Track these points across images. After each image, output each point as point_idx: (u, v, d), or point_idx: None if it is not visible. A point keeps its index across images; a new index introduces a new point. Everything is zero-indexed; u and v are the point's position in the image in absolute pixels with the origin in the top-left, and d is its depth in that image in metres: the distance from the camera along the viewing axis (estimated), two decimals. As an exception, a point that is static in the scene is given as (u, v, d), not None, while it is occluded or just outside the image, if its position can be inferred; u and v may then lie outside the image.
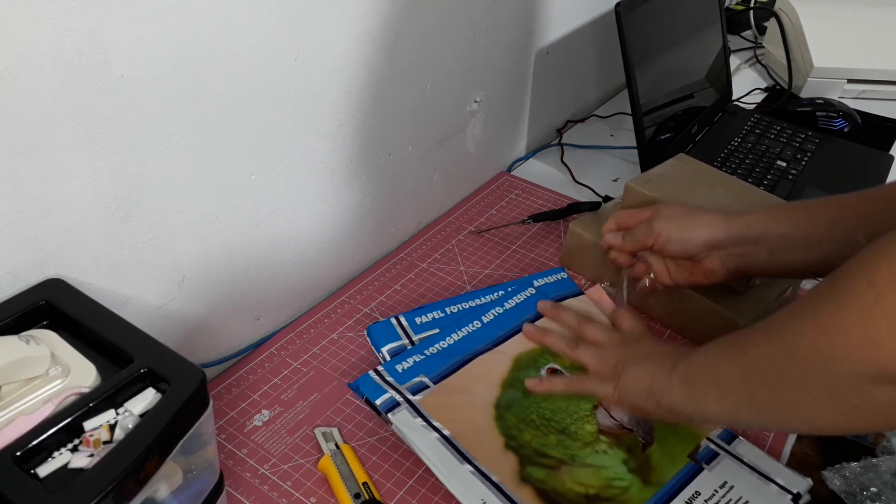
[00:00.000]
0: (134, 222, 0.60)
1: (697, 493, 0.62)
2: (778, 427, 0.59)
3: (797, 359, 0.47)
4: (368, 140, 0.82)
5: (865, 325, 0.42)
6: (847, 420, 0.47)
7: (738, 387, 0.53)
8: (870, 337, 0.42)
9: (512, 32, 1.00)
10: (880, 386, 0.43)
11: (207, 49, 0.59)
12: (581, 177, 1.11)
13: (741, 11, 1.65)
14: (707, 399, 0.56)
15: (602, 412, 0.69)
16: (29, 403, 0.46)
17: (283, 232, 0.76)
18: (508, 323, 0.78)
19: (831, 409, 0.47)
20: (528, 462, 0.64)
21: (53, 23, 0.48)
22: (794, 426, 0.57)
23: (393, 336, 0.76)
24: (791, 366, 0.47)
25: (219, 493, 0.56)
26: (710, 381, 0.56)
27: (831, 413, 0.47)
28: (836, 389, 0.45)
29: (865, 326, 0.42)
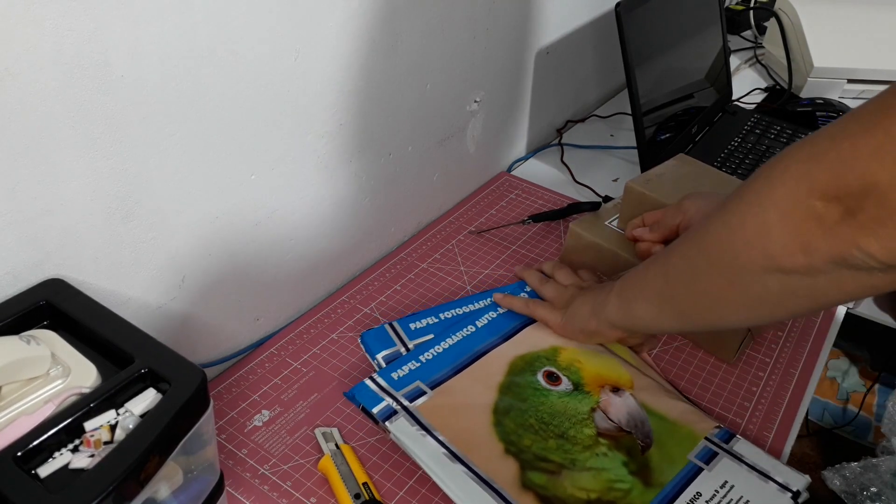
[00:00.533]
0: (134, 222, 0.60)
1: (699, 494, 0.62)
2: (695, 325, 0.65)
3: (706, 253, 0.52)
4: (368, 140, 0.82)
5: (758, 216, 0.46)
6: (749, 311, 0.52)
7: (661, 288, 0.60)
8: (761, 226, 0.46)
9: (512, 32, 1.00)
10: (771, 275, 0.47)
11: (207, 49, 0.59)
12: (581, 177, 1.11)
13: (741, 11, 1.65)
14: (636, 304, 0.64)
15: (600, 415, 0.69)
16: (29, 404, 0.46)
17: (283, 232, 0.76)
18: (503, 327, 0.78)
19: (735, 301, 0.52)
20: (529, 467, 0.64)
21: (53, 23, 0.48)
22: (709, 321, 0.61)
23: (387, 343, 0.76)
24: (701, 260, 0.53)
25: (219, 493, 0.56)
26: (638, 287, 0.64)
27: (735, 304, 0.52)
28: (737, 280, 0.50)
29: (758, 217, 0.46)
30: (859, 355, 1.88)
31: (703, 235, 0.53)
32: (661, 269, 0.60)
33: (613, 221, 0.89)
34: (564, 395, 0.70)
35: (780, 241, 0.45)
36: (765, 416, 0.73)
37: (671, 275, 0.58)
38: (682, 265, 0.56)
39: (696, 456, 0.66)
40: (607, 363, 0.74)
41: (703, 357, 0.79)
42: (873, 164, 0.39)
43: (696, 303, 0.56)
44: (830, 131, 0.42)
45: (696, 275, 0.54)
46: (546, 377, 0.72)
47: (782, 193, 0.44)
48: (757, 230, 0.46)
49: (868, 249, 0.40)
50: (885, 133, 0.38)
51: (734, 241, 0.49)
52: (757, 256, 0.47)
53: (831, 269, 0.43)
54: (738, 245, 0.48)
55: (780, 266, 0.45)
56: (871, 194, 0.39)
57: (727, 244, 0.50)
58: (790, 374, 0.78)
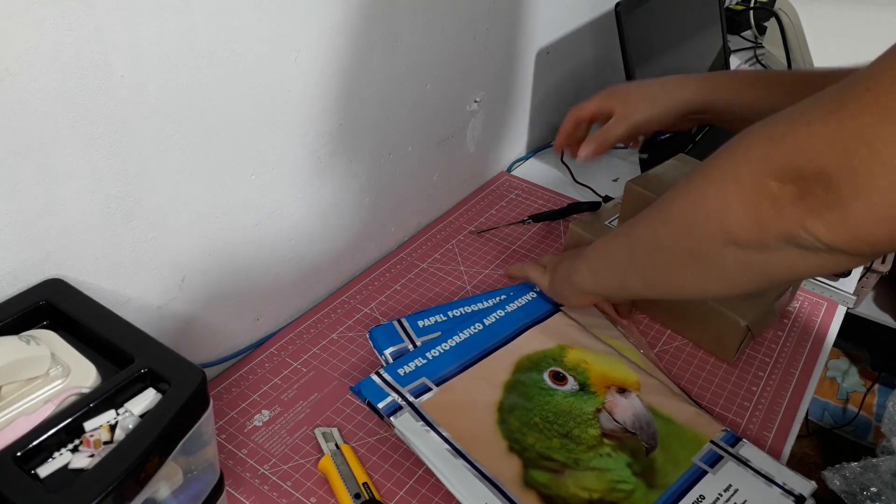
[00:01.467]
0: (134, 222, 0.60)
1: (702, 497, 0.62)
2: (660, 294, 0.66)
3: (669, 224, 0.54)
4: (368, 140, 0.82)
5: (719, 191, 0.47)
6: (707, 282, 0.54)
7: (627, 258, 0.62)
8: (721, 200, 0.47)
9: (512, 32, 1.00)
10: (728, 247, 0.48)
11: (207, 49, 0.59)
12: (581, 177, 1.11)
13: (741, 11, 1.65)
14: (604, 272, 0.67)
15: (606, 415, 0.69)
16: (29, 404, 0.46)
17: (283, 232, 0.76)
18: (510, 326, 0.78)
19: (695, 272, 0.54)
20: (532, 465, 0.64)
21: (53, 23, 0.48)
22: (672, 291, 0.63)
23: (395, 339, 0.76)
24: (664, 231, 0.55)
25: (219, 493, 0.56)
26: (605, 256, 0.66)
27: (695, 275, 0.54)
28: (697, 251, 0.52)
29: (719, 192, 0.47)
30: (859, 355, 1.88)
31: (667, 207, 0.55)
32: (627, 240, 0.62)
33: (613, 221, 0.89)
34: (570, 395, 0.70)
35: (736, 215, 0.46)
36: (765, 416, 0.73)
37: (636, 245, 0.60)
38: (646, 235, 0.58)
39: (701, 459, 0.66)
40: (614, 364, 0.74)
41: (703, 357, 0.79)
42: (825, 152, 0.40)
43: (660, 272, 0.58)
44: (792, 113, 0.44)
45: (659, 245, 0.56)
46: (552, 377, 0.72)
47: (744, 171, 0.46)
48: (717, 204, 0.48)
49: (814, 231, 0.42)
50: (839, 123, 0.40)
51: (696, 214, 0.50)
52: (716, 229, 0.48)
53: (782, 247, 0.45)
54: (699, 217, 0.50)
55: (735, 239, 0.47)
56: (821, 179, 0.41)
57: (689, 216, 0.51)
58: (790, 374, 0.78)
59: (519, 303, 0.81)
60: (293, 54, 0.67)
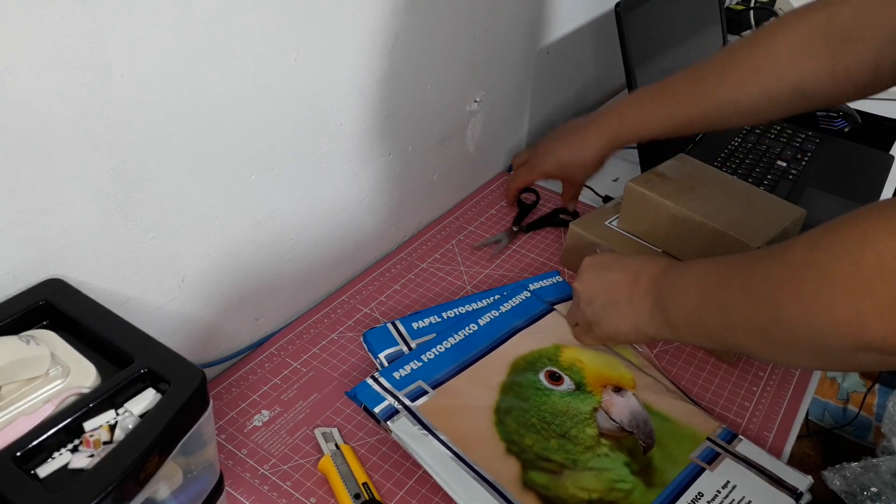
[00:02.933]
0: (134, 222, 0.60)
1: (700, 495, 0.62)
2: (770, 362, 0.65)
3: (782, 326, 0.49)
4: (368, 140, 0.82)
5: (852, 308, 0.43)
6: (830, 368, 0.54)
7: (726, 336, 0.56)
8: (856, 318, 0.43)
9: (512, 32, 1.00)
10: (864, 353, 0.45)
11: (207, 49, 0.59)
12: (581, 177, 1.11)
13: (741, 11, 1.65)
14: (696, 340, 0.64)
15: (602, 415, 0.69)
16: (29, 404, 0.46)
17: (283, 232, 0.76)
18: (504, 326, 0.78)
19: (817, 362, 0.52)
20: (530, 467, 0.63)
21: (53, 23, 0.48)
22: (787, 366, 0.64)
23: (390, 342, 0.76)
24: (776, 329, 0.50)
25: (219, 493, 0.56)
26: (695, 330, 0.60)
27: (817, 363, 0.53)
28: (821, 351, 0.48)
29: (852, 309, 0.43)
30: (859, 355, 1.88)
31: (776, 309, 0.49)
32: (722, 322, 0.55)
33: (613, 221, 0.89)
34: (566, 395, 0.70)
35: (879, 332, 0.42)
36: (765, 416, 0.73)
37: (737, 332, 0.54)
38: (750, 328, 0.52)
39: (699, 456, 0.66)
40: (609, 363, 0.74)
41: (703, 357, 0.79)
42: None
43: (770, 356, 0.55)
44: None
45: (768, 340, 0.51)
46: (548, 377, 0.72)
47: (879, 286, 0.42)
48: (849, 319, 0.43)
49: None
50: None
51: (819, 325, 0.46)
52: (849, 340, 0.44)
53: None
54: (825, 329, 0.45)
55: (878, 350, 0.43)
56: None
57: (811, 326, 0.46)
58: (790, 374, 0.78)
59: (513, 302, 0.81)
60: (293, 54, 0.67)
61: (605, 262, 0.70)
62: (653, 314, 0.62)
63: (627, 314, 0.65)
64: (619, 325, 0.66)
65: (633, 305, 0.64)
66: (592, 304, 0.69)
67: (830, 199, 1.06)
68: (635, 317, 0.64)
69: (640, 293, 0.64)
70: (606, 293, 0.68)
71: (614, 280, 0.67)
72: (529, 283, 0.85)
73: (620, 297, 0.66)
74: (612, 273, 0.68)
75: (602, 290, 0.68)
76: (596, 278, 0.69)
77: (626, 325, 0.66)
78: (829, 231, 0.46)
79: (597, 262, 0.71)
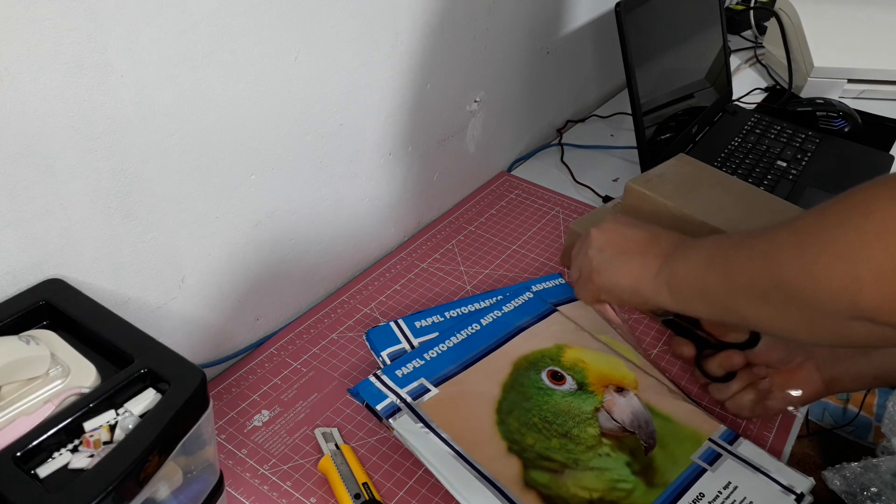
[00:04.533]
0: (134, 222, 0.60)
1: (702, 495, 0.62)
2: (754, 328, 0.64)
3: (780, 289, 0.49)
4: (368, 140, 0.82)
5: (849, 272, 0.43)
6: (822, 338, 0.51)
7: (724, 298, 0.55)
8: (853, 283, 0.43)
9: (512, 32, 1.00)
10: (858, 321, 0.44)
11: (207, 49, 0.59)
12: (581, 177, 1.11)
13: (741, 11, 1.65)
14: (694, 303, 0.60)
15: (604, 415, 0.69)
16: (29, 404, 0.46)
17: (283, 232, 0.76)
18: (507, 326, 0.78)
19: (810, 331, 0.50)
20: (532, 466, 0.64)
21: (53, 23, 0.48)
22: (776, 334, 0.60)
23: (393, 340, 0.76)
24: (774, 293, 0.49)
25: (219, 493, 0.55)
26: (696, 290, 0.58)
27: (808, 331, 0.50)
28: (816, 318, 0.48)
29: (849, 273, 0.43)
30: (860, 355, 1.88)
31: (777, 270, 0.49)
32: (724, 282, 0.55)
33: (613, 221, 0.89)
34: (568, 395, 0.70)
35: (873, 299, 0.42)
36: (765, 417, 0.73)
37: (737, 293, 0.53)
38: (750, 289, 0.52)
39: (700, 457, 0.66)
40: (612, 363, 0.74)
41: (703, 357, 0.79)
42: None
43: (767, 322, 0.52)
44: None
45: (767, 302, 0.51)
46: (550, 376, 0.72)
47: (878, 253, 0.41)
48: (846, 285, 0.43)
49: None
50: None
51: (816, 290, 0.46)
52: (844, 306, 0.44)
53: None
54: (822, 294, 0.45)
55: (871, 318, 0.43)
56: None
57: (808, 289, 0.46)
58: (791, 374, 0.78)
59: (516, 303, 0.81)
60: (293, 54, 0.67)
61: (630, 220, 0.69)
62: (658, 276, 0.62)
63: (633, 269, 0.64)
64: (620, 278, 0.65)
65: (644, 262, 0.63)
66: (603, 251, 0.67)
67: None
68: (640, 274, 0.63)
69: (655, 253, 0.63)
70: (621, 244, 0.66)
71: (634, 235, 0.66)
72: (532, 284, 0.85)
73: (634, 251, 0.65)
74: (634, 229, 0.67)
75: (618, 241, 0.67)
76: (616, 229, 0.68)
77: (626, 280, 0.65)
78: (838, 199, 0.46)
79: (622, 218, 0.70)
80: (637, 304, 0.67)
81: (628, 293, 0.65)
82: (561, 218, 1.01)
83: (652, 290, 0.62)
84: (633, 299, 0.65)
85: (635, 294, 0.64)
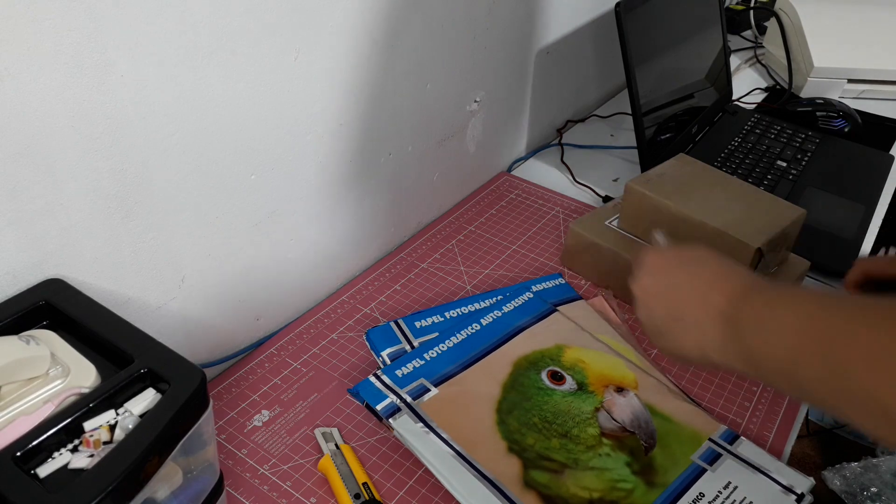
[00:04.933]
0: (134, 222, 0.60)
1: (702, 495, 0.62)
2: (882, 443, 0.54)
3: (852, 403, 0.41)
4: (368, 140, 0.82)
5: None
6: None
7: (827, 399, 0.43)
8: None
9: (512, 32, 1.00)
10: None
11: (207, 49, 0.59)
12: (581, 177, 1.11)
13: (741, 11, 1.65)
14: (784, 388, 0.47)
15: (604, 415, 0.69)
16: (29, 404, 0.46)
17: (283, 232, 0.76)
18: (507, 326, 0.78)
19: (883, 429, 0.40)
20: (532, 466, 0.64)
21: (53, 22, 0.48)
22: None
23: (393, 340, 0.76)
24: (845, 402, 0.41)
25: (219, 493, 0.56)
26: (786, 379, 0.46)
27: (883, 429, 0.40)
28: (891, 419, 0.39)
29: None
30: (859, 355, 1.88)
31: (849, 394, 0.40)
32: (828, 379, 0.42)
33: (613, 221, 0.89)
34: (568, 395, 0.70)
35: None
36: (765, 416, 0.73)
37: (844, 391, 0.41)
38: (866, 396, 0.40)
39: (700, 457, 0.66)
40: (612, 363, 0.74)
41: (703, 357, 0.79)
42: None
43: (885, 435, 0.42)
44: None
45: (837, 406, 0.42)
46: (550, 376, 0.72)
47: None
48: None
49: None
50: None
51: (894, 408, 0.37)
52: None
53: None
54: None
55: None
56: None
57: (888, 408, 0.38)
58: (791, 374, 0.78)
59: (516, 303, 0.81)
60: (293, 54, 0.67)
61: (666, 265, 0.58)
62: (726, 345, 0.50)
63: (692, 336, 0.53)
64: (682, 343, 0.54)
65: (700, 329, 0.52)
66: (652, 315, 0.57)
67: (830, 199, 1.06)
68: (701, 341, 0.52)
69: (711, 316, 0.51)
70: (668, 306, 0.55)
71: (678, 293, 0.55)
72: (532, 284, 0.85)
73: (685, 316, 0.54)
74: (675, 281, 0.56)
75: (663, 303, 0.56)
76: (655, 285, 0.57)
77: (689, 346, 0.53)
78: None
79: (657, 262, 0.58)
80: (703, 363, 0.54)
81: (699, 359, 0.53)
82: (561, 218, 1.01)
83: (726, 361, 0.51)
84: (707, 365, 0.53)
85: (707, 362, 0.52)
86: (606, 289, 0.87)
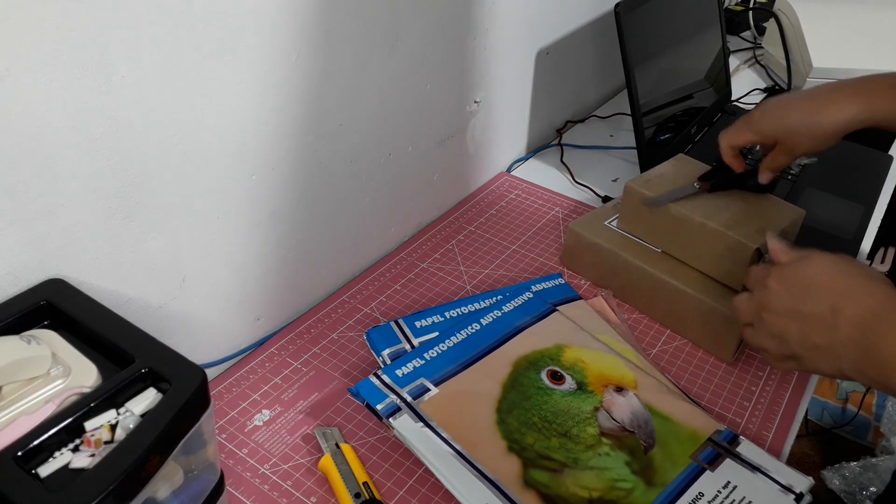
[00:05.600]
0: (135, 222, 0.60)
1: (701, 494, 0.62)
2: None
3: None
4: (368, 140, 0.82)
5: None
6: None
7: None
8: None
9: (512, 32, 1.00)
10: None
11: (207, 49, 0.59)
12: (581, 177, 1.11)
13: (740, 12, 1.65)
14: None
15: (604, 414, 0.69)
16: (30, 403, 0.46)
17: (284, 232, 0.77)
18: (507, 326, 0.78)
19: None
20: (531, 465, 0.64)
21: (53, 23, 0.48)
22: None
23: (393, 340, 0.76)
24: None
25: (219, 492, 0.56)
26: None
27: None
28: None
29: None
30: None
31: None
32: None
33: (613, 221, 0.89)
34: (568, 395, 0.70)
35: None
36: (764, 416, 0.73)
37: None
38: None
39: (699, 456, 0.66)
40: (611, 363, 0.74)
41: (702, 356, 0.79)
42: None
43: None
44: None
45: None
46: (550, 376, 0.72)
47: None
48: None
49: None
50: None
51: None
52: None
53: None
54: None
55: None
56: None
57: None
58: (789, 374, 0.78)
59: (516, 303, 0.81)
60: (293, 54, 0.67)
61: (793, 290, 0.59)
62: (862, 368, 0.54)
63: (827, 359, 0.56)
64: (817, 367, 0.58)
65: (834, 353, 0.56)
66: (786, 341, 0.59)
67: (830, 199, 1.06)
68: (837, 363, 0.56)
69: (842, 341, 0.55)
70: (800, 334, 0.58)
71: (808, 321, 0.57)
72: (532, 284, 0.85)
73: (819, 342, 0.56)
74: (804, 307, 0.57)
75: (796, 331, 0.58)
76: (785, 313, 0.59)
77: (825, 369, 0.57)
78: None
79: (784, 288, 0.59)
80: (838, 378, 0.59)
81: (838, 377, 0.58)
82: (561, 218, 1.01)
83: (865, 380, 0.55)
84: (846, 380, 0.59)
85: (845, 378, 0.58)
86: (606, 289, 0.87)
